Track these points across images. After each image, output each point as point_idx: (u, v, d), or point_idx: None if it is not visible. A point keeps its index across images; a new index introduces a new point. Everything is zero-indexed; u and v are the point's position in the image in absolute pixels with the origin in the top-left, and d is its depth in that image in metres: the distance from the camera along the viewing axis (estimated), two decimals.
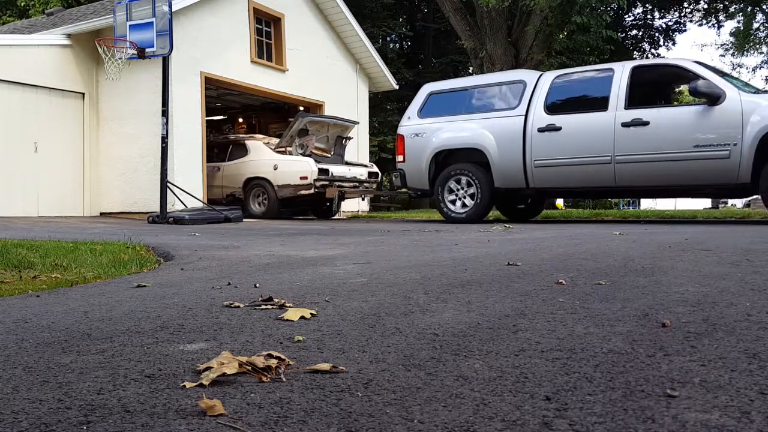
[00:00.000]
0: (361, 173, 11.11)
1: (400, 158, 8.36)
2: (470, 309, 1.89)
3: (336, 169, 10.45)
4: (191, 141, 10.19)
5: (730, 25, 38.01)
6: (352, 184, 10.79)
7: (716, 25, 24.49)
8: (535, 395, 1.10)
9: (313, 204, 11.44)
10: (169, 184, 8.63)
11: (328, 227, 7.24)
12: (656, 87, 7.96)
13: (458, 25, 16.22)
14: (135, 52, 8.38)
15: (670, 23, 25.26)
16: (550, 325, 1.65)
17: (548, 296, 2.06)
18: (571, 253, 3.38)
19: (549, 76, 7.60)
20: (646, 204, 29.15)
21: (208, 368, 1.25)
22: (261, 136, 11.82)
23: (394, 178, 8.69)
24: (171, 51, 8.42)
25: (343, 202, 11.44)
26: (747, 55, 34.00)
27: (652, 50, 25.38)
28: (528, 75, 7.80)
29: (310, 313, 1.83)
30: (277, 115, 14.54)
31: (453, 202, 7.93)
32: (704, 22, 24.55)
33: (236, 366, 1.26)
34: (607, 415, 1.00)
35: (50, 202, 10.06)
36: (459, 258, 3.30)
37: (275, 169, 10.31)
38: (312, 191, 10.00)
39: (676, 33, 25.55)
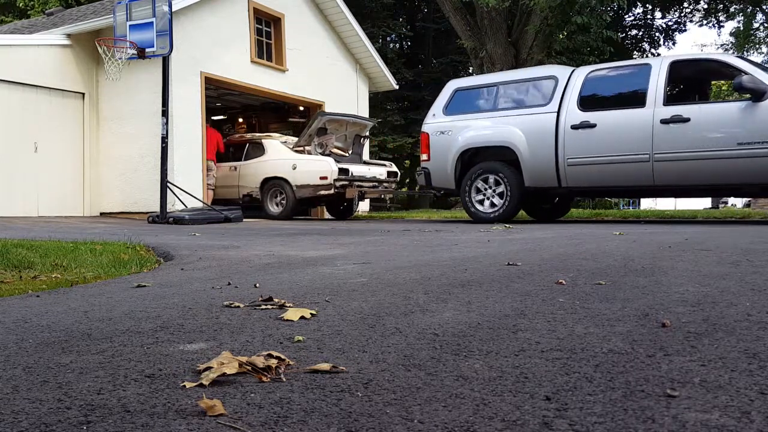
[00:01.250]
0: (381, 173, 10.79)
1: (424, 157, 8.09)
2: (470, 309, 1.89)
3: (356, 169, 10.16)
4: (191, 141, 10.18)
5: (730, 25, 38.05)
6: (371, 184, 10.49)
7: (716, 25, 24.50)
8: (535, 395, 1.10)
9: (329, 204, 11.21)
10: (169, 184, 8.63)
11: (329, 227, 7.24)
12: (694, 82, 7.70)
13: (458, 25, 16.23)
14: (135, 52, 8.38)
15: (670, 23, 25.27)
16: (550, 325, 1.65)
17: (548, 296, 2.06)
18: (571, 253, 3.38)
19: (582, 72, 7.34)
20: (646, 204, 29.15)
21: (208, 368, 1.25)
22: (278, 135, 11.59)
23: (417, 177, 8.39)
24: (171, 51, 8.42)
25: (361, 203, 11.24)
26: (747, 55, 33.97)
27: (652, 50, 25.38)
28: (560, 70, 7.56)
29: (310, 313, 1.83)
30: (277, 115, 14.53)
31: (481, 201, 7.65)
32: (704, 22, 24.57)
33: (236, 366, 1.26)
34: (607, 415, 1.00)
35: (50, 202, 10.06)
36: (459, 258, 3.30)
37: (294, 168, 10.05)
38: (332, 191, 9.73)
39: (676, 33, 25.56)
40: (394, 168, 11.39)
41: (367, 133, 11.52)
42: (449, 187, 7.97)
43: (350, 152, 11.08)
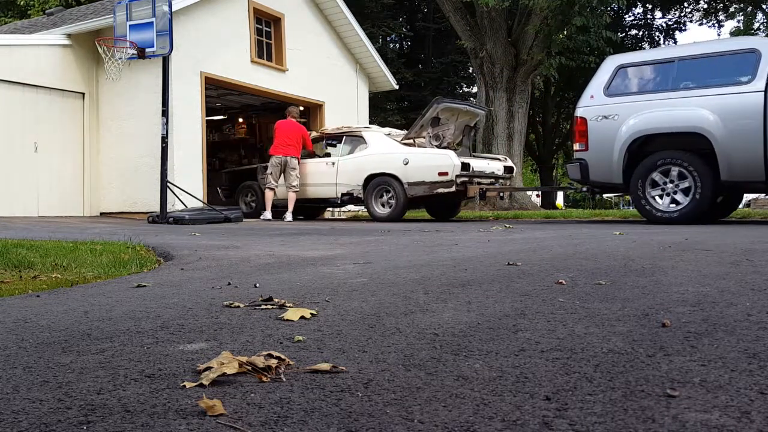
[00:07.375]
0: (498, 168, 9.54)
1: (579, 146, 7.02)
2: (470, 309, 1.89)
3: (475, 163, 8.96)
4: (191, 141, 10.18)
5: (729, 25, 38.04)
6: (490, 181, 9.25)
7: (716, 24, 24.52)
8: (535, 395, 1.10)
9: (432, 202, 9.94)
10: (169, 184, 8.63)
11: (328, 227, 7.24)
12: None
13: (458, 25, 16.23)
14: (135, 52, 8.38)
15: (670, 23, 25.28)
16: (550, 325, 1.65)
17: (548, 296, 2.06)
18: (571, 253, 3.38)
19: None
20: None
21: (208, 368, 1.25)
22: (377, 127, 10.66)
23: (570, 171, 7.26)
24: (171, 51, 8.42)
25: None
26: None
27: None
28: (761, 42, 6.49)
29: (310, 313, 1.83)
30: (277, 115, 14.51)
31: (658, 198, 6.62)
32: (704, 21, 24.58)
33: (236, 366, 1.26)
34: (607, 415, 1.00)
35: (50, 202, 10.06)
36: (459, 258, 3.30)
37: (406, 164, 8.81)
38: (452, 189, 8.51)
39: (676, 32, 25.58)
40: (510, 162, 10.16)
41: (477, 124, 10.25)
42: (613, 181, 6.83)
43: (458, 144, 9.73)
